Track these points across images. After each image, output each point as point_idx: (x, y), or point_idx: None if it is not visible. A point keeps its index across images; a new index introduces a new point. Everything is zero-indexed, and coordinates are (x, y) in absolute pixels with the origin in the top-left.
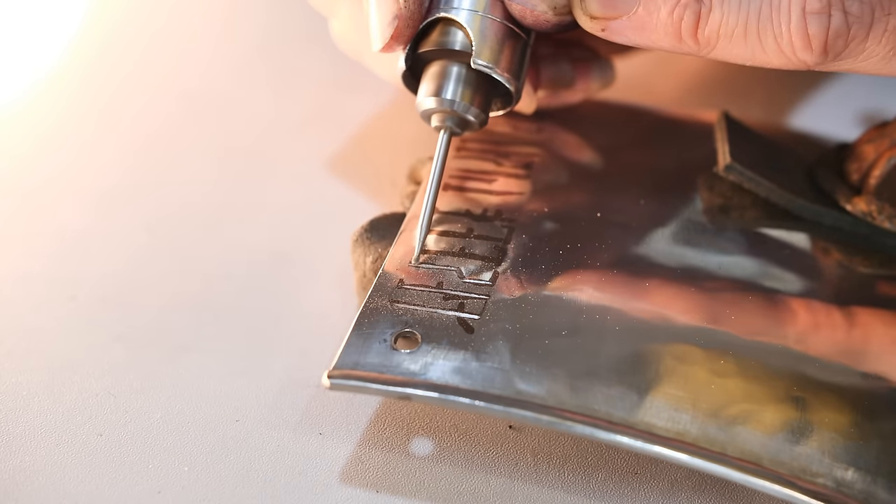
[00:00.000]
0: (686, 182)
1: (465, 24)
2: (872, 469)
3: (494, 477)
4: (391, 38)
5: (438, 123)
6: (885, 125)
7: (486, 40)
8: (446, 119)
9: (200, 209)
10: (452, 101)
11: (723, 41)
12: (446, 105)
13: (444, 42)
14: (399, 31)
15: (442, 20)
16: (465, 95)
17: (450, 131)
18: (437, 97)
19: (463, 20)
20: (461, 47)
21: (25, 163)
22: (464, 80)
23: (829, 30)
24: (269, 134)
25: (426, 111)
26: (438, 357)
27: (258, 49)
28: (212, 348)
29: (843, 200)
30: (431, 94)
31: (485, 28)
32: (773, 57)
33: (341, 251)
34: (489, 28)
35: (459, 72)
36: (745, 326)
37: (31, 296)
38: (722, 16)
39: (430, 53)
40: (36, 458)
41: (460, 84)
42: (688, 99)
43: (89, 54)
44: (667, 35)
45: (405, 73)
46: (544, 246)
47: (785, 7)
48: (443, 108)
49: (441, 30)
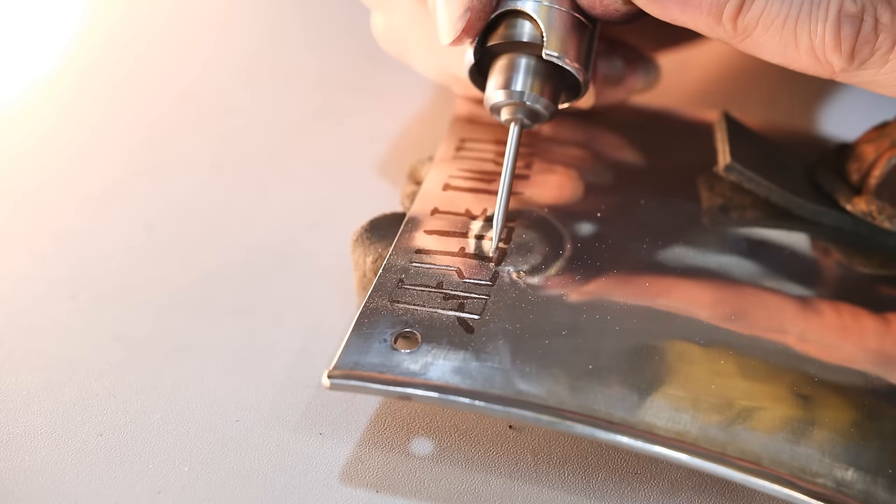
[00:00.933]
0: (686, 182)
1: (534, 14)
2: (872, 469)
3: (494, 477)
4: (462, 31)
5: (509, 116)
6: (886, 125)
7: (555, 31)
8: (517, 111)
9: (200, 209)
10: (522, 93)
11: (759, 30)
12: (516, 97)
13: (512, 34)
14: (470, 24)
15: (509, 13)
16: (535, 87)
17: (520, 123)
18: (506, 89)
19: (531, 11)
20: (529, 39)
21: (25, 163)
22: (533, 71)
23: (859, 34)
24: (269, 134)
25: (496, 104)
26: (438, 357)
27: (258, 49)
28: (212, 348)
29: (843, 200)
30: (501, 86)
31: (553, 18)
32: (804, 55)
33: (341, 251)
34: (557, 18)
35: (528, 63)
36: (746, 325)
37: (31, 296)
38: (766, 4)
39: (498, 46)
40: (36, 458)
41: (530, 75)
42: (688, 99)
43: (89, 54)
44: (708, 15)
45: (472, 67)
46: (544, 246)
47: (825, 5)
48: (513, 100)
49: (508, 22)
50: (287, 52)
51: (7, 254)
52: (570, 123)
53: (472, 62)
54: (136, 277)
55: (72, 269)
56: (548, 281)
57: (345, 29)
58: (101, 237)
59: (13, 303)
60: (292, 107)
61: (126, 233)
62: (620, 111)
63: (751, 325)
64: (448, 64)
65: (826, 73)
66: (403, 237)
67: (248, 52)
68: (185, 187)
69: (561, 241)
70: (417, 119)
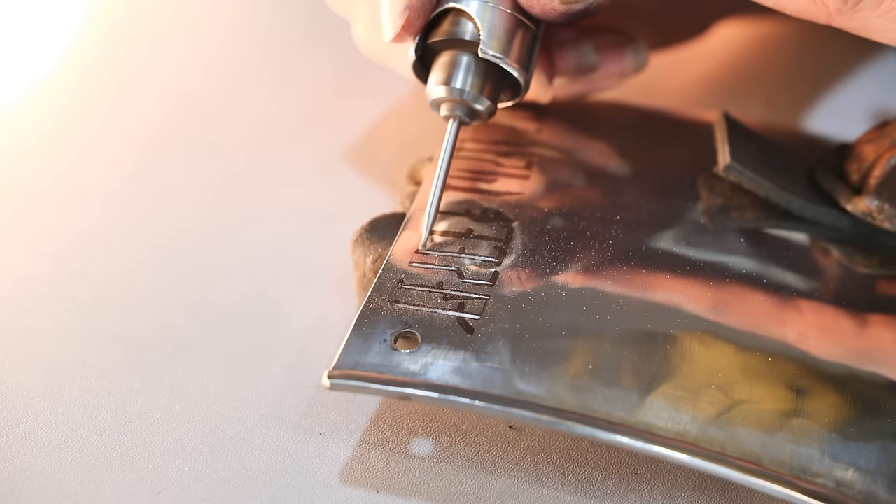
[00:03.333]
0: (686, 182)
1: (475, 14)
2: (872, 469)
3: (494, 477)
4: (402, 28)
5: (448, 112)
6: (886, 125)
7: (495, 30)
8: (455, 108)
9: (201, 209)
10: (462, 91)
11: None
12: (455, 94)
13: (453, 32)
14: (410, 21)
15: (452, 10)
16: (475, 85)
17: (459, 120)
18: (446, 86)
19: (472, 11)
20: (471, 37)
21: (26, 163)
22: (473, 69)
23: None
24: (269, 135)
25: (435, 100)
26: (438, 357)
27: (259, 50)
28: (212, 348)
29: (843, 200)
30: (441, 83)
31: (494, 18)
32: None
33: (341, 251)
34: (498, 18)
35: (469, 62)
36: (747, 325)
37: (31, 296)
38: None
39: (441, 43)
40: (36, 458)
41: (470, 74)
42: (688, 99)
43: (89, 55)
44: None
45: (416, 63)
46: (544, 246)
47: None
48: (452, 97)
49: (451, 20)
50: (287, 52)
51: (7, 254)
52: (570, 124)
53: (413, 58)
54: (137, 277)
55: (72, 269)
56: (548, 281)
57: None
58: (102, 237)
59: (13, 303)
60: (292, 107)
61: (126, 233)
62: (621, 112)
63: (751, 325)
64: None
65: (822, 17)
66: (403, 237)
67: (249, 52)
68: (185, 188)
69: (560, 241)
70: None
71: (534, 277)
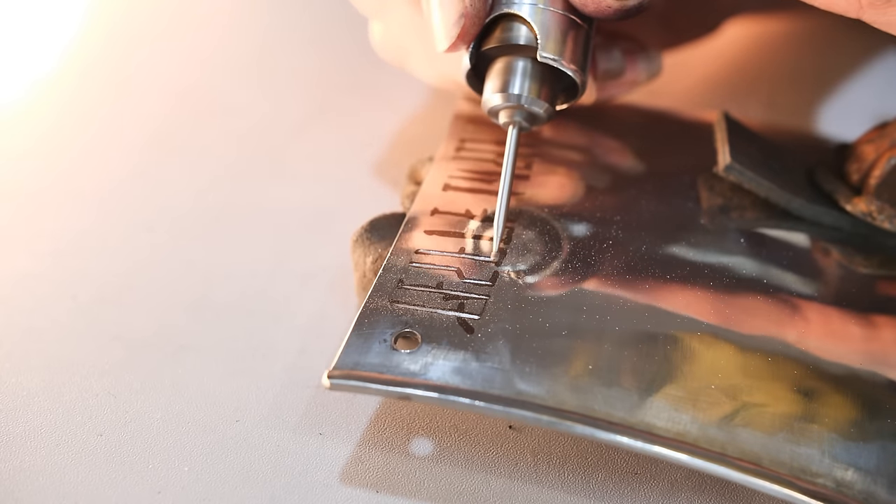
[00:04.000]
0: (686, 182)
1: (528, 17)
2: (872, 469)
3: (494, 477)
4: (457, 37)
5: (507, 119)
6: (886, 125)
7: (550, 33)
8: (514, 114)
9: (200, 209)
10: (519, 96)
11: None
12: (513, 100)
13: (508, 38)
14: (465, 30)
15: (504, 16)
16: (532, 89)
17: (518, 126)
18: (503, 93)
19: (526, 14)
20: (525, 42)
21: (26, 163)
22: (530, 74)
23: None
24: (269, 134)
25: (493, 108)
26: (438, 357)
27: (259, 50)
28: (212, 348)
29: (843, 200)
30: (498, 90)
31: (547, 20)
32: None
33: (341, 251)
34: (552, 20)
35: (525, 66)
36: (746, 325)
37: (31, 296)
38: None
39: (495, 50)
40: (36, 458)
41: (527, 78)
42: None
43: (89, 55)
44: None
45: (469, 72)
46: (544, 246)
47: None
48: (510, 103)
49: (504, 26)
50: (287, 52)
51: (8, 254)
52: (571, 124)
53: (468, 67)
54: (136, 277)
55: (72, 269)
56: (548, 281)
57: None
58: (102, 237)
59: (13, 303)
60: (292, 107)
61: (126, 233)
62: (621, 112)
63: (751, 325)
64: (449, 70)
65: (852, 10)
66: (403, 237)
67: (249, 52)
68: (184, 187)
69: (560, 241)
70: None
71: (534, 277)
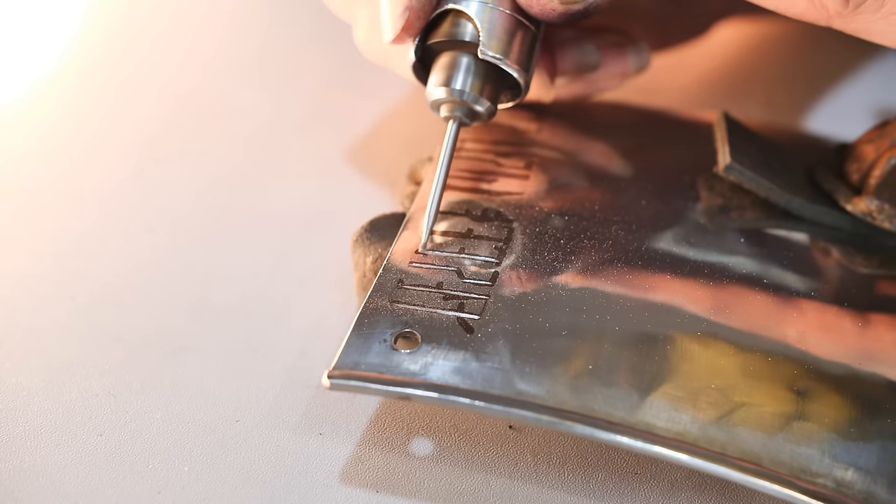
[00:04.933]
0: (686, 182)
1: (474, 15)
2: (872, 469)
3: (494, 477)
4: (402, 29)
5: (447, 114)
6: (886, 125)
7: (495, 31)
8: (455, 109)
9: (201, 209)
10: (462, 92)
11: None
12: (455, 95)
13: (453, 33)
14: (409, 23)
15: (452, 11)
16: (475, 86)
17: (458, 121)
18: (446, 87)
19: (472, 12)
20: (470, 38)
21: (26, 163)
22: (473, 70)
23: None
24: (269, 135)
25: (435, 101)
26: (438, 357)
27: (258, 50)
28: (212, 348)
29: (843, 200)
30: (440, 84)
31: (493, 19)
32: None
33: (341, 251)
34: (498, 19)
35: (469, 63)
36: (746, 325)
37: (31, 296)
38: None
39: (440, 45)
40: (36, 458)
41: (469, 75)
42: (687, 99)
43: (89, 55)
44: None
45: (416, 64)
46: (544, 246)
47: None
48: (452, 98)
49: (451, 21)
50: (287, 52)
51: (8, 254)
52: (571, 124)
53: (413, 60)
54: (136, 278)
55: (72, 269)
56: (548, 281)
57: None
58: (102, 238)
59: (13, 303)
60: (292, 107)
61: (126, 233)
62: (620, 112)
63: (751, 325)
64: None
65: (822, 19)
66: (403, 237)
67: (249, 52)
68: (184, 188)
69: (561, 241)
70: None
71: (534, 277)
